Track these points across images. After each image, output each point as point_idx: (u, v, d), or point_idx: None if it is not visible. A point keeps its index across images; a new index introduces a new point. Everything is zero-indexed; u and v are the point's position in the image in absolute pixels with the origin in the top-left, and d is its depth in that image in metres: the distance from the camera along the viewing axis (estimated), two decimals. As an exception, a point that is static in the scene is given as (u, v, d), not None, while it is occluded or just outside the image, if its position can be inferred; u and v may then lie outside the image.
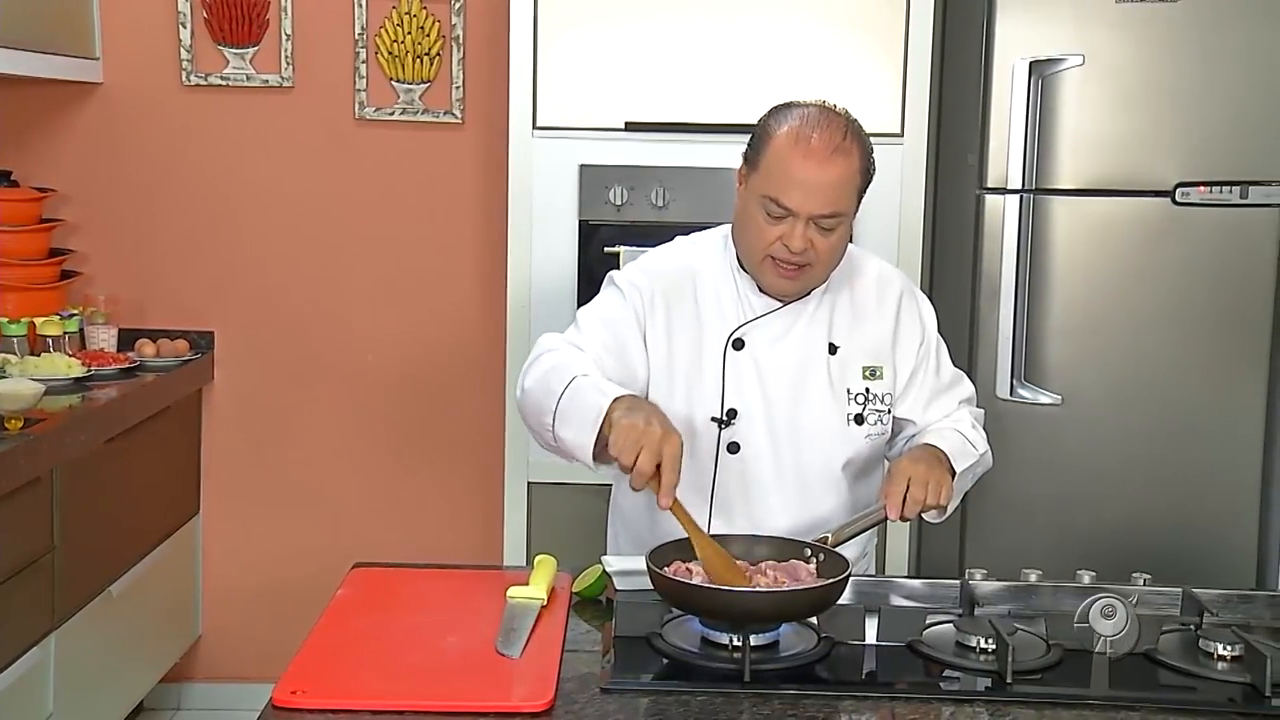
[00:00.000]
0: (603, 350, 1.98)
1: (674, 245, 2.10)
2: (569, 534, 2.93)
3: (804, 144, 1.87)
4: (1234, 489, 3.04)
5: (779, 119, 1.92)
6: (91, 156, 3.37)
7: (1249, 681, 1.61)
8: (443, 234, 3.40)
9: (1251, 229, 2.98)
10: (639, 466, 1.71)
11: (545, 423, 1.88)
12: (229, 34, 3.33)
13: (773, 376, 1.99)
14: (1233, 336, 3.01)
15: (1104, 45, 2.94)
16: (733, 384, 1.99)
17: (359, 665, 1.61)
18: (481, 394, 3.37)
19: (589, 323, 2.02)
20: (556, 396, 1.86)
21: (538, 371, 1.94)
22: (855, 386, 2.01)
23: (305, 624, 1.75)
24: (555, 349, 1.97)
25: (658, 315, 2.00)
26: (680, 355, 2.00)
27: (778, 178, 1.88)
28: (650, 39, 2.96)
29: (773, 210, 1.89)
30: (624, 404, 1.79)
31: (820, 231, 1.89)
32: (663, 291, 2.01)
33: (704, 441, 1.99)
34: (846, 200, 1.90)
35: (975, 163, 3.03)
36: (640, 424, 1.73)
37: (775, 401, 1.99)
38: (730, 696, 1.55)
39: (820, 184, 1.86)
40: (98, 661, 2.87)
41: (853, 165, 1.89)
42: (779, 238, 1.90)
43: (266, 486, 3.47)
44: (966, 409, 2.12)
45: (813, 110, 1.91)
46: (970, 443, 2.02)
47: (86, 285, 3.35)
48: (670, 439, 1.73)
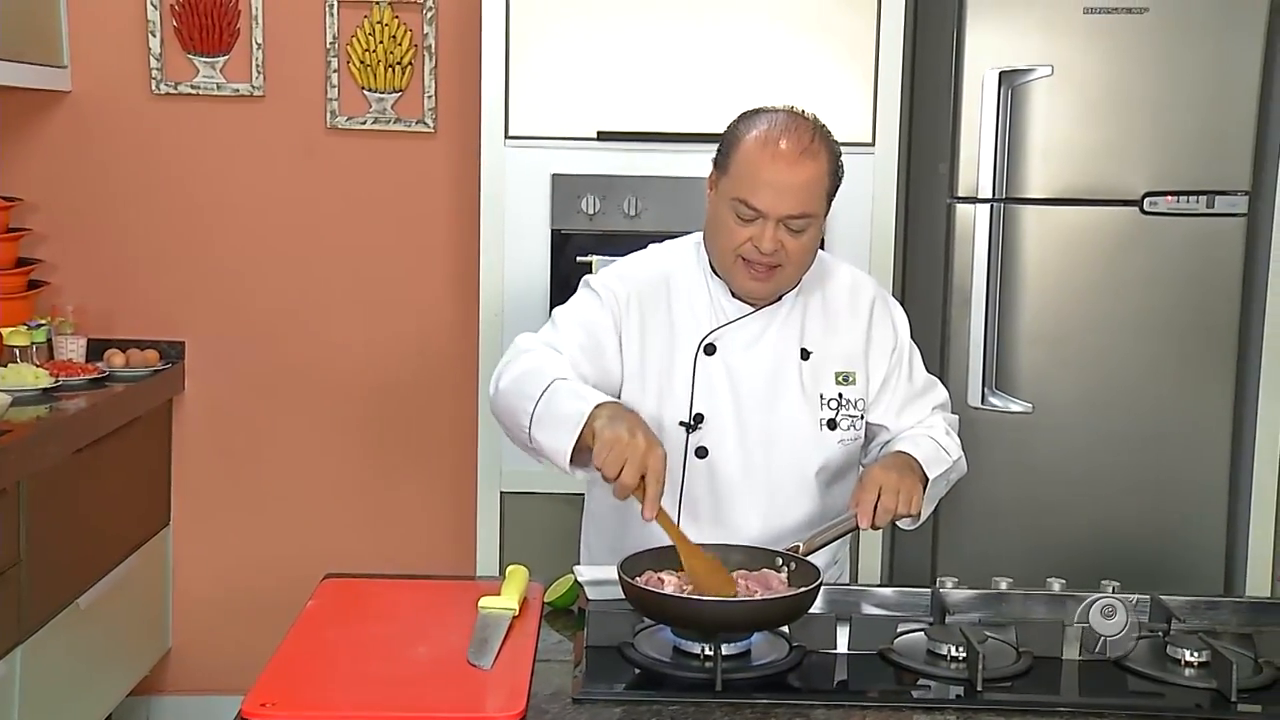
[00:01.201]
0: (579, 352, 1.98)
1: (648, 252, 2.11)
2: (542, 544, 2.92)
3: (773, 146, 1.89)
4: (1202, 495, 3.07)
5: (748, 124, 1.95)
6: (60, 165, 3.35)
7: (1215, 687, 1.63)
8: (415, 244, 3.39)
9: (1218, 238, 3.01)
10: (623, 479, 1.72)
11: (521, 424, 1.89)
12: (199, 43, 3.31)
13: (745, 382, 2.00)
14: (1200, 344, 3.04)
15: (1073, 56, 2.96)
16: (702, 389, 2.00)
17: (329, 677, 1.60)
18: (454, 404, 3.36)
19: (565, 323, 2.03)
20: (534, 400, 1.87)
21: (514, 372, 1.94)
22: (828, 392, 2.02)
23: (276, 635, 1.73)
24: (532, 350, 1.98)
25: (632, 319, 2.01)
26: (653, 359, 2.01)
27: (747, 180, 1.90)
28: (623, 49, 2.97)
29: (743, 212, 1.91)
30: (606, 412, 1.80)
31: (790, 233, 1.91)
32: (637, 296, 2.02)
33: (672, 446, 1.99)
34: (815, 202, 1.93)
35: (946, 172, 3.05)
36: (625, 436, 1.74)
37: (747, 407, 2.00)
38: (702, 706, 1.54)
39: (789, 185, 1.89)
40: (65, 675, 2.84)
41: (821, 168, 1.92)
42: (749, 239, 1.92)
43: (238, 497, 3.45)
44: (940, 415, 2.13)
45: (781, 115, 1.94)
46: (943, 449, 2.02)
47: (55, 295, 3.33)
48: (654, 452, 1.74)
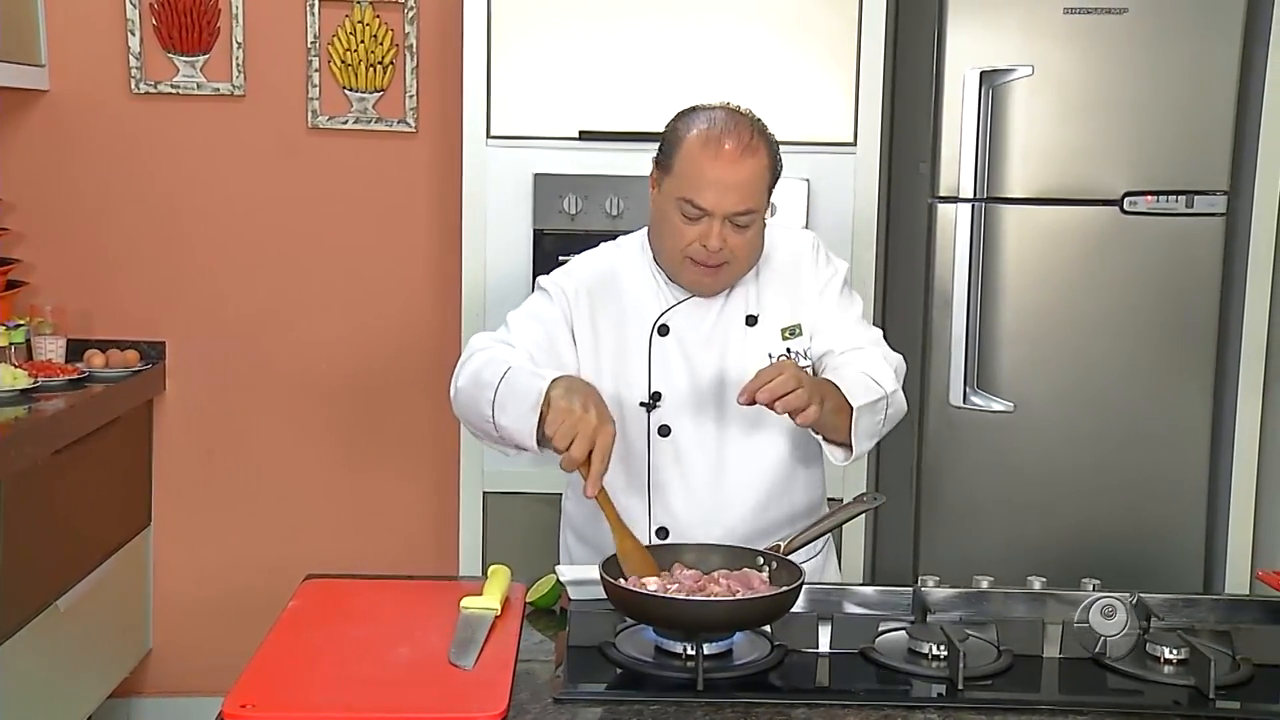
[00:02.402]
0: (534, 347, 2.01)
1: (598, 249, 2.15)
2: (524, 544, 2.92)
3: (715, 145, 1.92)
4: (1181, 493, 3.08)
5: (687, 123, 1.97)
6: (38, 164, 3.33)
7: (1194, 684, 1.63)
8: (396, 244, 3.38)
9: (1197, 238, 3.03)
10: (571, 453, 1.75)
11: (484, 413, 1.90)
12: (179, 42, 3.30)
13: (697, 357, 2.03)
14: (1179, 343, 3.06)
15: (1053, 56, 2.98)
16: (659, 368, 2.02)
17: (310, 677, 1.60)
18: (435, 404, 3.34)
19: (518, 322, 2.06)
20: (493, 387, 1.89)
21: (471, 368, 1.97)
22: (776, 349, 2.04)
23: (257, 636, 1.73)
24: (486, 348, 2.00)
25: (582, 311, 2.05)
26: (607, 346, 2.04)
27: (691, 179, 1.93)
28: (604, 48, 2.97)
29: (688, 211, 1.94)
30: (562, 384, 1.83)
31: (735, 229, 1.94)
32: (586, 289, 2.06)
33: (635, 427, 2.02)
34: (758, 197, 1.95)
35: (927, 172, 3.05)
36: (578, 409, 1.77)
37: (702, 382, 2.02)
38: (684, 705, 1.55)
39: (733, 183, 1.91)
40: (44, 677, 2.82)
41: (762, 163, 1.95)
42: (696, 238, 1.94)
43: (219, 498, 3.44)
44: (879, 351, 2.05)
45: (720, 112, 1.97)
46: (874, 380, 1.95)
47: (33, 295, 3.30)
48: (604, 428, 1.76)
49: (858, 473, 2.95)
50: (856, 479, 2.94)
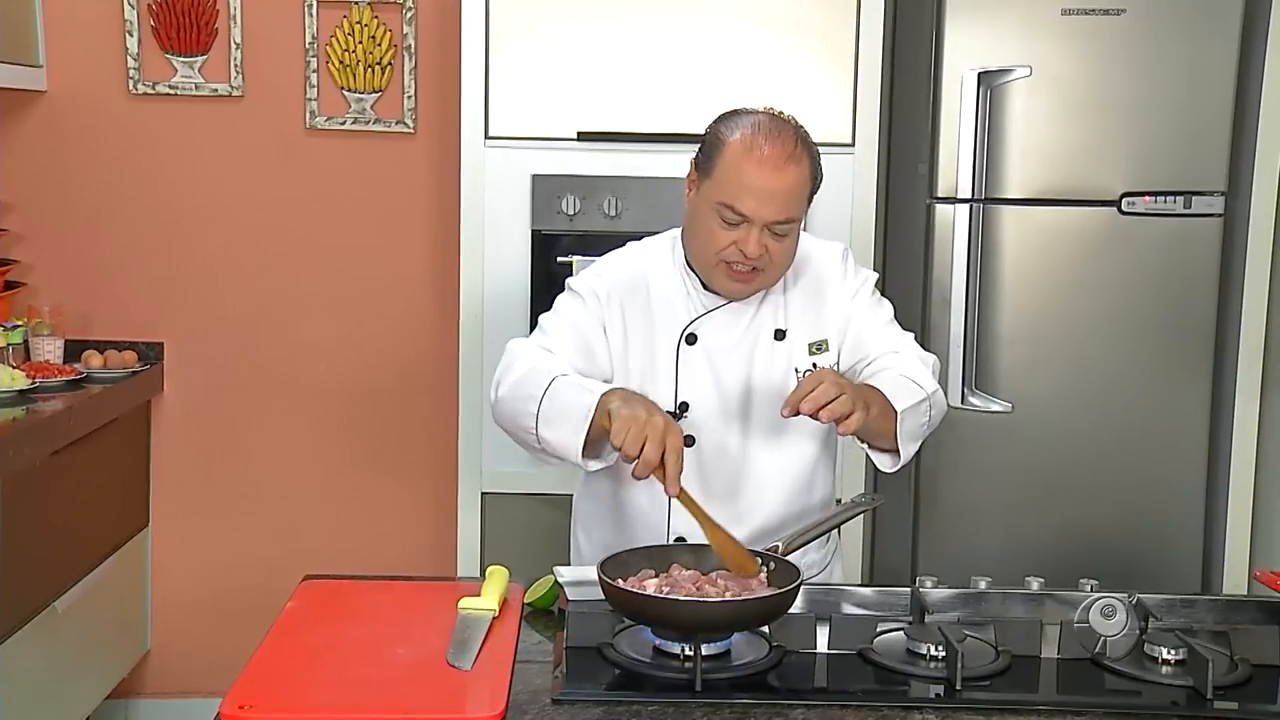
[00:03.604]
0: (572, 352, 2.00)
1: (626, 250, 2.13)
2: (522, 544, 2.92)
3: (758, 152, 1.89)
4: (1180, 494, 3.09)
5: (730, 126, 1.94)
6: (36, 165, 3.33)
7: (1191, 685, 1.64)
8: (395, 244, 3.38)
9: (1195, 238, 3.03)
10: (646, 456, 1.74)
11: (527, 425, 1.90)
12: (177, 42, 3.29)
13: (725, 368, 2.02)
14: (1177, 343, 3.06)
15: (1051, 57, 2.98)
16: (686, 378, 2.02)
17: (309, 678, 1.60)
18: (434, 405, 3.35)
19: (555, 326, 2.05)
20: (537, 400, 1.89)
21: (513, 376, 1.96)
22: (803, 364, 2.03)
23: (256, 637, 1.73)
24: (527, 353, 1.99)
25: (614, 315, 2.03)
26: (636, 353, 2.03)
27: (733, 185, 1.90)
28: (602, 49, 2.97)
29: (728, 217, 1.91)
30: (618, 396, 1.83)
31: (774, 237, 1.93)
32: (617, 292, 2.04)
33: None
34: (798, 206, 1.94)
35: (925, 172, 3.06)
36: (643, 415, 1.77)
37: (729, 393, 2.02)
38: (682, 706, 1.55)
39: (775, 191, 1.89)
40: (42, 678, 2.82)
41: (804, 172, 1.93)
42: (733, 243, 1.92)
43: (217, 499, 3.44)
44: (914, 352, 2.05)
45: (763, 118, 1.94)
46: (914, 382, 1.95)
47: (31, 296, 3.30)
48: (673, 429, 1.77)
49: (857, 473, 2.95)
50: (855, 479, 2.94)
